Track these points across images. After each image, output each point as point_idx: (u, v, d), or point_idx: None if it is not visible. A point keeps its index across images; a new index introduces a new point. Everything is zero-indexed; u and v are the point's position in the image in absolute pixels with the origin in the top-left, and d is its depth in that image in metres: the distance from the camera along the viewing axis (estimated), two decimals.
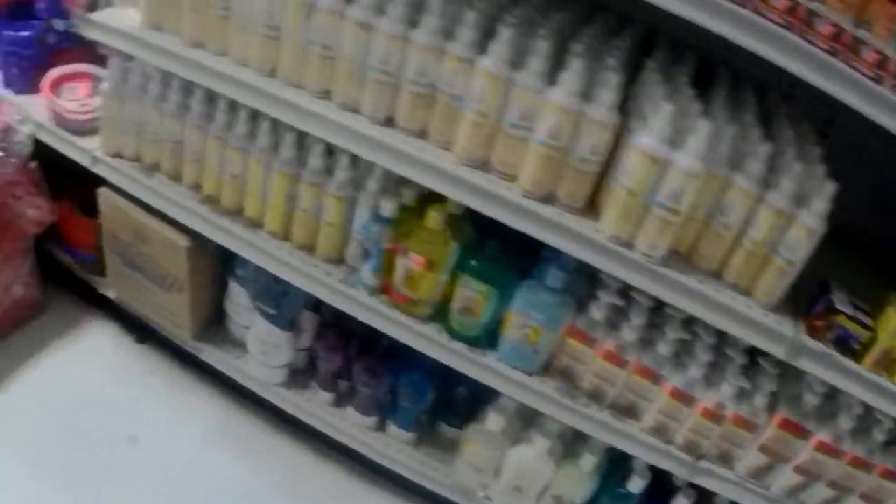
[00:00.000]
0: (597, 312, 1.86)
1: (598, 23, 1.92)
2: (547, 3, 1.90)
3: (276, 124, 1.95)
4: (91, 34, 2.08)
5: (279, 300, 2.22)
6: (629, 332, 1.84)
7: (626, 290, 1.86)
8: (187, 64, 1.93)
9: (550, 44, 1.65)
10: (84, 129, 2.32)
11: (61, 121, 2.34)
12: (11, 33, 2.52)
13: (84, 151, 2.28)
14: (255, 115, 1.97)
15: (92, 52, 2.44)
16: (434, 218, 1.88)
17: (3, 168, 2.30)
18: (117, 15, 2.07)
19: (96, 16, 2.07)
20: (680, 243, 1.71)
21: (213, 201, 2.13)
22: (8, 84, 2.56)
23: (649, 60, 1.86)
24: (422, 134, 1.80)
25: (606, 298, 1.86)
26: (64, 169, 2.42)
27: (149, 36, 1.97)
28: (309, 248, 2.09)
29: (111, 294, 2.57)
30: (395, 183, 1.93)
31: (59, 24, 2.50)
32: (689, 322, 1.83)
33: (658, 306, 1.84)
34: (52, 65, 2.50)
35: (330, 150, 1.94)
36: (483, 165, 1.77)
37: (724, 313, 1.68)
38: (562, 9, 1.90)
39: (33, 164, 2.39)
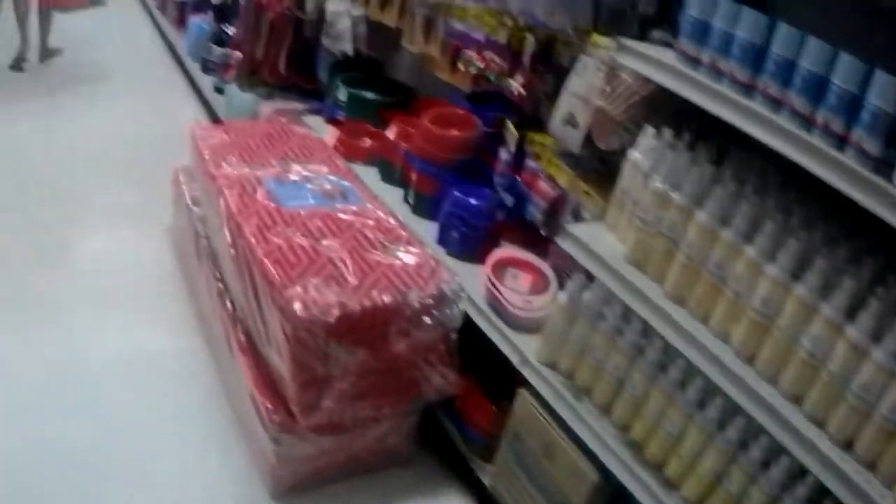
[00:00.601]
0: None
1: None
2: None
3: (728, 401, 2.24)
4: (565, 245, 2.52)
5: None
6: None
7: None
8: (661, 316, 2.28)
9: None
10: (520, 326, 2.77)
11: (498, 306, 2.80)
12: (460, 195, 3.07)
13: (515, 349, 2.73)
14: (709, 388, 2.28)
15: (535, 235, 2.92)
16: None
17: (425, 333, 2.80)
18: (596, 234, 2.50)
19: (575, 229, 2.52)
20: None
21: (636, 448, 2.46)
22: (442, 242, 3.11)
23: None
24: (871, 466, 2.01)
25: None
26: (477, 340, 2.89)
27: (628, 272, 2.36)
28: None
29: (486, 480, 3.00)
30: (818, 492, 2.15)
31: (508, 200, 3.00)
32: None
33: None
34: (494, 238, 3.00)
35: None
36: None
37: None
38: None
39: (454, 336, 2.89)
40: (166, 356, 3.78)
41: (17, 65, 7.85)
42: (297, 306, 2.65)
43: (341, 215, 3.26)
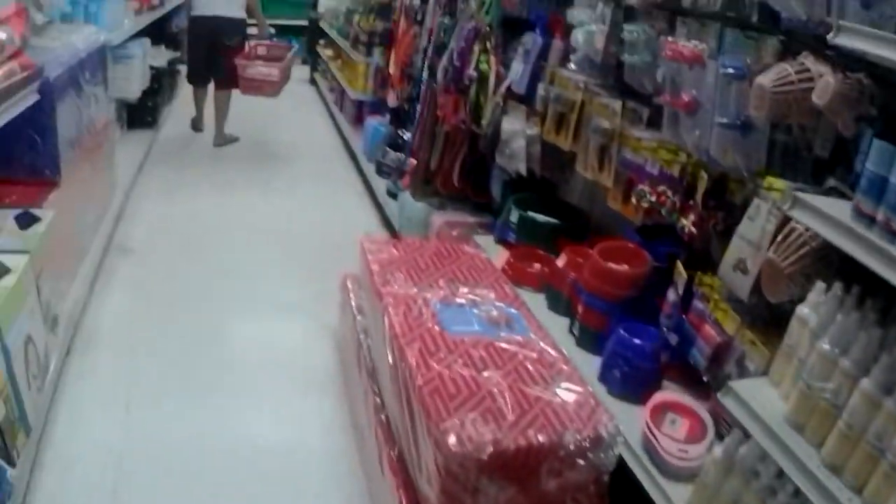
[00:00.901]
0: None
1: None
2: None
3: None
4: (726, 401, 2.63)
5: None
6: None
7: None
8: (813, 483, 2.37)
9: None
10: (673, 474, 2.91)
11: (653, 452, 2.95)
12: (625, 335, 3.23)
13: (665, 496, 2.86)
14: None
15: (697, 377, 3.05)
16: None
17: (578, 474, 2.95)
18: (758, 390, 2.61)
19: (737, 385, 2.63)
20: None
21: None
22: (604, 380, 3.27)
23: None
24: None
25: None
26: (626, 477, 3.03)
27: (786, 434, 2.47)
28: None
29: None
30: None
31: (673, 339, 3.14)
32: None
33: None
34: (657, 379, 3.15)
35: None
36: None
37: None
38: None
39: (606, 478, 3.03)
40: (316, 456, 4.09)
41: (195, 126, 8.74)
42: (451, 440, 2.83)
43: (505, 345, 3.43)
